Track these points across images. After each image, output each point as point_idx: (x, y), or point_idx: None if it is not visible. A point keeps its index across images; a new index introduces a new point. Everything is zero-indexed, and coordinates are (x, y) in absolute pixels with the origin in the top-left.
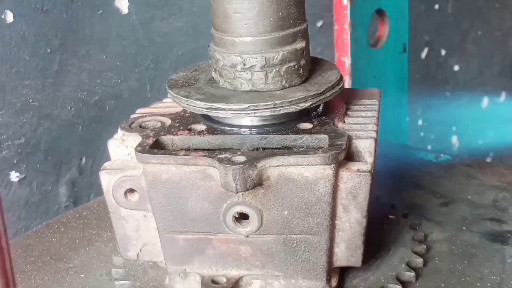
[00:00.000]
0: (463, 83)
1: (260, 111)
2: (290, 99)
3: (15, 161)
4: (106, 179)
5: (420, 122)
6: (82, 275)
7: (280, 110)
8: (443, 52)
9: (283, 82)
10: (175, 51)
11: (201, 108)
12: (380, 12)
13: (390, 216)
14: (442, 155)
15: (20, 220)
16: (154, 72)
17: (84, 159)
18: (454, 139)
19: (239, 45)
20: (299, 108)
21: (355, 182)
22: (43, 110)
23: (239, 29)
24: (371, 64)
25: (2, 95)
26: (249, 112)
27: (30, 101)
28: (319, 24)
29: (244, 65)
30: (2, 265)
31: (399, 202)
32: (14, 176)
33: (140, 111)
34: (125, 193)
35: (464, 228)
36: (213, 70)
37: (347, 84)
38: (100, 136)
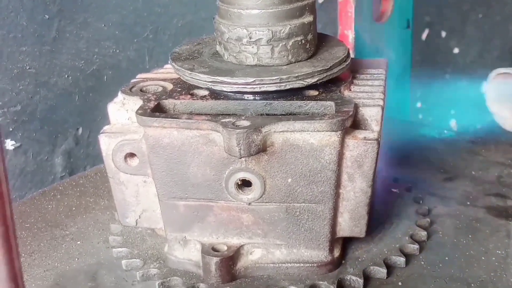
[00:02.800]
0: (463, 66)
1: (265, 85)
2: (296, 74)
3: (11, 129)
4: (106, 143)
5: (419, 104)
6: (78, 242)
7: (286, 85)
8: (443, 34)
9: (290, 57)
10: (175, 22)
11: (205, 81)
12: None
13: (393, 190)
14: (446, 131)
15: (14, 189)
16: (153, 43)
17: (80, 130)
18: (453, 123)
19: (245, 18)
20: (305, 83)
21: (361, 150)
22: (40, 77)
23: (246, 1)
24: (374, 39)
25: None
26: (254, 86)
27: (27, 68)
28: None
29: (250, 38)
30: (2, 211)
31: (403, 176)
32: (10, 144)
33: (141, 76)
34: (125, 157)
35: (468, 203)
36: (217, 43)
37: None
38: (97, 106)
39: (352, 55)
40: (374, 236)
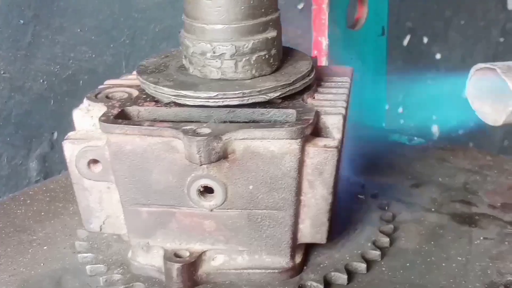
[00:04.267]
0: (445, 71)
1: (228, 99)
2: (259, 89)
3: None
4: (69, 149)
5: (400, 109)
6: (45, 247)
7: (248, 99)
8: (425, 39)
9: (253, 71)
10: (152, 27)
11: (169, 95)
12: None
13: (359, 196)
14: (415, 138)
15: None
16: (130, 48)
17: (55, 134)
18: (435, 128)
19: (209, 33)
20: (267, 98)
21: (322, 157)
22: (14, 82)
23: (210, 16)
24: (349, 46)
25: None
26: (217, 100)
27: (1, 72)
28: (300, 6)
29: (214, 53)
30: None
31: (370, 183)
32: None
33: (108, 82)
34: (88, 163)
35: (433, 209)
36: (183, 57)
37: (324, 65)
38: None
39: (326, 62)
40: (337, 242)
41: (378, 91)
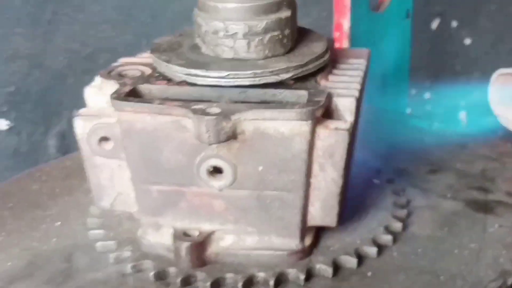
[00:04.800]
0: (474, 57)
1: (240, 80)
2: (271, 69)
3: (5, 109)
4: (80, 126)
5: (427, 95)
6: (57, 223)
7: (260, 80)
8: (454, 24)
9: (266, 52)
10: (173, 7)
11: (180, 74)
12: None
13: (374, 181)
14: (435, 123)
15: (7, 169)
16: (150, 27)
17: (75, 112)
18: (462, 115)
19: (222, 11)
20: (279, 78)
21: (333, 140)
22: (34, 59)
23: None
24: (371, 29)
25: None
26: (228, 80)
27: (21, 49)
28: None
29: (227, 32)
30: None
31: (386, 168)
32: (3, 124)
33: (123, 60)
34: (99, 140)
35: (448, 195)
36: (196, 36)
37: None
38: None
39: (347, 45)
40: (348, 226)
41: (401, 76)
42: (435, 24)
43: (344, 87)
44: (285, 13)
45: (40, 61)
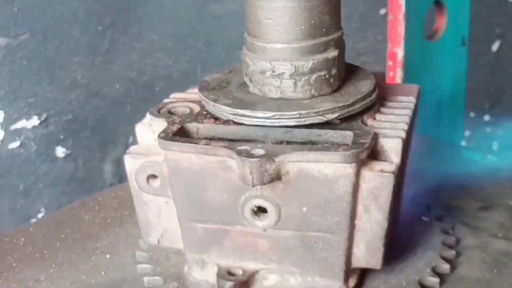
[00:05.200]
0: None
1: (285, 120)
2: (317, 110)
3: (62, 137)
4: (130, 163)
5: (487, 117)
6: (107, 256)
7: (305, 120)
8: None
9: (312, 91)
10: (228, 34)
11: (227, 113)
12: (438, 2)
13: (423, 218)
14: (489, 156)
15: (64, 195)
16: (205, 54)
17: (131, 139)
18: None
19: (269, 52)
20: (325, 119)
21: (378, 182)
22: (91, 87)
23: (270, 35)
24: (426, 57)
25: (51, 71)
26: (274, 121)
27: (79, 78)
28: (383, 12)
29: (273, 72)
30: None
31: (436, 204)
32: (60, 151)
33: (173, 95)
34: (148, 178)
35: (499, 235)
36: (244, 74)
37: (399, 77)
38: None
39: (401, 74)
40: (395, 267)
41: (457, 105)
42: (495, 46)
43: (391, 127)
44: (332, 53)
45: (97, 89)
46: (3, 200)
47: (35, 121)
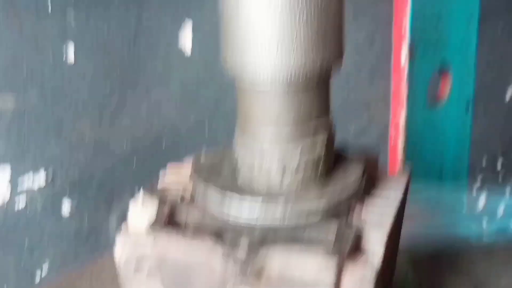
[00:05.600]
0: None
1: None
2: (301, 209)
3: (67, 194)
4: (119, 250)
5: (499, 166)
6: None
7: (289, 220)
8: None
9: (299, 186)
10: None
11: (214, 206)
12: (442, 69)
13: None
14: (486, 233)
15: (69, 252)
16: (214, 111)
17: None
18: None
19: (257, 151)
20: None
21: (359, 276)
22: (98, 144)
23: (258, 134)
24: (429, 125)
25: (58, 128)
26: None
27: (86, 135)
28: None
29: (261, 168)
30: None
31: (425, 283)
32: (66, 207)
33: (171, 168)
34: (136, 266)
35: None
36: (234, 163)
37: (400, 145)
38: (156, 172)
39: (402, 139)
40: None
41: (460, 173)
42: (508, 94)
43: (376, 223)
44: (318, 154)
45: (104, 146)
46: (8, 257)
47: (41, 178)
